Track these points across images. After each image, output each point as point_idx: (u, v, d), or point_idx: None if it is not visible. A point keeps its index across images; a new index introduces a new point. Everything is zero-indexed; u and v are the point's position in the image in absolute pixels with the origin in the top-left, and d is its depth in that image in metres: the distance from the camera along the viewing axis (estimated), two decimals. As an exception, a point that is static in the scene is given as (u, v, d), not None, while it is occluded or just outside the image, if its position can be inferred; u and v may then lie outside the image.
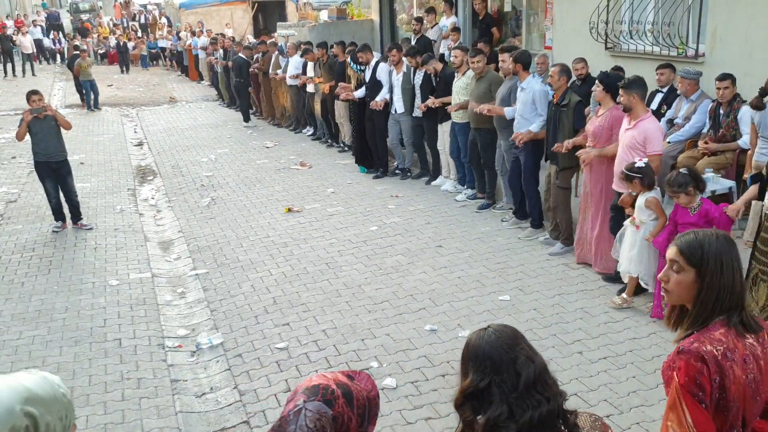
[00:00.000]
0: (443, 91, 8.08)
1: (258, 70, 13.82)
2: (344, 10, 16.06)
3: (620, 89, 5.17)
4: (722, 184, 5.92)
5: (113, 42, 27.56)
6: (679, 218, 4.67)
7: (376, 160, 9.51)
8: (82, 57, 16.49)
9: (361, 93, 9.43)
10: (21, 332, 5.28)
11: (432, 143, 8.76)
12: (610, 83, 5.57)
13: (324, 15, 16.17)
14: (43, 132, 7.33)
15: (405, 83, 8.71)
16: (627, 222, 5.13)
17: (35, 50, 25.03)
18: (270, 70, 13.31)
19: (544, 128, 6.40)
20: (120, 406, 4.24)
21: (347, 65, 10.14)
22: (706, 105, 6.44)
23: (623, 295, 5.20)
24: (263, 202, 8.47)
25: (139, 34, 29.69)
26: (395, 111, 8.97)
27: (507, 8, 10.95)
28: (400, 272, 6.07)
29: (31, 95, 7.38)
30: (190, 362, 4.86)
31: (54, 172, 7.47)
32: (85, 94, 16.74)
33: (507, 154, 7.11)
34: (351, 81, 9.94)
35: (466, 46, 8.95)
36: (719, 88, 6.14)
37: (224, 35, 18.12)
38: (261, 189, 9.09)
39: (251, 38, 19.23)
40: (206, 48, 18.80)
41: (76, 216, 7.71)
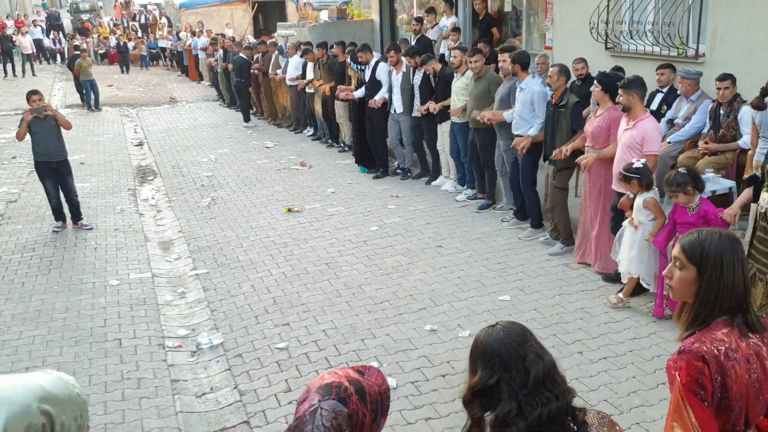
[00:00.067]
0: (442, 92, 8.08)
1: (258, 71, 13.82)
2: (344, 11, 16.06)
3: (620, 89, 5.18)
4: (722, 185, 5.92)
5: (113, 42, 27.57)
6: (678, 218, 4.68)
7: (377, 161, 9.51)
8: (83, 57, 16.49)
9: (361, 93, 9.43)
10: (21, 332, 5.28)
11: (431, 143, 8.76)
12: (609, 83, 5.57)
13: (324, 15, 16.18)
14: (44, 132, 7.33)
15: (404, 83, 8.72)
16: (626, 223, 5.13)
17: (35, 50, 25.04)
18: (270, 71, 13.32)
19: (543, 130, 6.41)
20: (120, 406, 4.25)
21: (347, 65, 10.15)
22: (707, 105, 6.44)
23: (619, 295, 5.21)
24: (263, 202, 8.47)
25: (140, 34, 29.70)
26: (394, 111, 8.98)
27: (507, 8, 10.94)
28: (401, 272, 6.07)
29: (32, 95, 7.39)
30: (191, 362, 4.86)
31: (54, 172, 7.47)
32: (85, 94, 16.74)
33: (506, 155, 7.11)
34: (351, 81, 9.95)
35: (466, 46, 8.95)
36: (719, 89, 6.13)
37: (224, 35, 18.12)
38: (261, 189, 9.09)
39: (251, 38, 19.22)
40: (206, 49, 18.80)
41: (77, 216, 7.71)
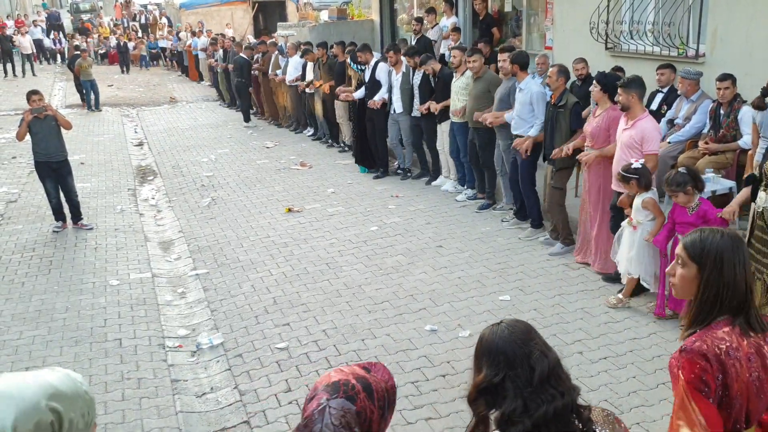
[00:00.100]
0: (442, 92, 8.08)
1: (258, 71, 13.82)
2: (344, 11, 16.06)
3: (619, 88, 5.19)
4: (722, 185, 5.92)
5: (114, 42, 27.57)
6: (677, 217, 4.69)
7: (377, 161, 9.51)
8: (83, 57, 16.50)
9: (361, 94, 9.43)
10: (21, 332, 5.28)
11: (431, 143, 8.76)
12: (608, 83, 5.57)
13: (324, 15, 16.18)
14: (44, 132, 7.33)
15: (404, 83, 8.72)
16: (624, 223, 5.13)
17: (35, 50, 25.05)
18: (270, 71, 13.31)
19: (543, 130, 6.40)
20: (120, 406, 4.25)
21: (347, 65, 10.15)
22: (707, 105, 6.44)
23: (619, 296, 5.21)
24: (263, 203, 8.47)
25: (140, 35, 29.70)
26: (394, 111, 8.98)
27: (507, 8, 10.94)
28: (401, 272, 6.07)
29: (32, 95, 7.39)
30: (191, 362, 4.86)
31: (54, 172, 7.47)
32: (86, 94, 16.74)
33: (505, 155, 7.11)
34: (352, 81, 9.95)
35: (465, 46, 8.95)
36: (719, 89, 6.13)
37: (224, 35, 18.12)
38: (261, 189, 9.09)
39: (251, 38, 19.22)
40: (206, 49, 18.80)
41: (77, 216, 7.71)
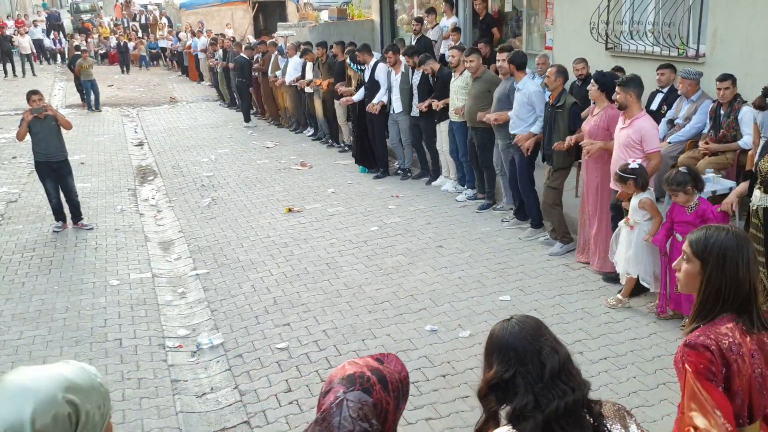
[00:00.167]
0: (441, 92, 8.08)
1: (258, 71, 13.82)
2: (345, 11, 16.07)
3: (617, 87, 5.19)
4: (723, 185, 5.92)
5: (114, 42, 27.58)
6: (676, 216, 4.69)
7: (377, 161, 9.51)
8: (83, 57, 16.51)
9: (360, 95, 9.44)
10: (21, 332, 5.28)
11: (430, 143, 8.76)
12: (606, 82, 5.58)
13: (324, 15, 16.19)
14: (44, 132, 7.33)
15: (403, 83, 8.72)
16: (621, 223, 5.13)
17: (35, 50, 25.05)
18: (269, 71, 13.30)
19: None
20: (120, 406, 4.24)
21: (347, 65, 10.15)
22: (707, 105, 6.44)
23: (618, 296, 5.21)
24: (264, 203, 8.47)
25: (140, 35, 29.71)
26: (393, 111, 8.98)
27: (507, 8, 10.94)
28: (401, 272, 6.07)
29: (32, 95, 7.39)
30: (191, 362, 4.86)
31: (54, 172, 7.47)
32: (86, 94, 16.74)
33: (504, 154, 7.11)
34: (351, 81, 9.95)
35: (464, 46, 8.95)
36: (720, 89, 6.13)
37: (224, 35, 18.12)
38: (261, 189, 9.09)
39: (251, 38, 19.22)
40: (206, 50, 18.79)
41: (77, 216, 7.71)
